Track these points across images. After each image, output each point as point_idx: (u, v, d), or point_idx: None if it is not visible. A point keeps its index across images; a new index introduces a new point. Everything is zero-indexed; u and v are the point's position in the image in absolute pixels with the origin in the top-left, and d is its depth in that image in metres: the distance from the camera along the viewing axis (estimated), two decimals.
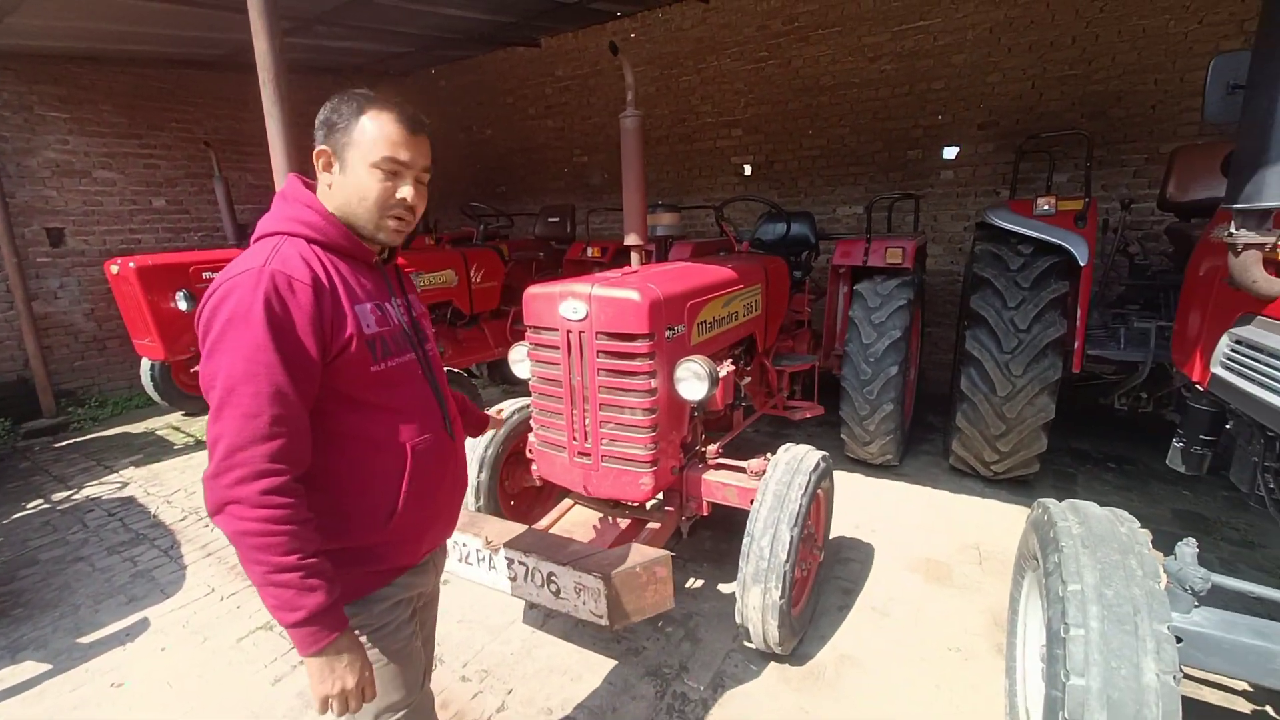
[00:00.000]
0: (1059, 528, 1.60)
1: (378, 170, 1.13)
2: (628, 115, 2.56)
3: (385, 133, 1.13)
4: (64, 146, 5.75)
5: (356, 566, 1.17)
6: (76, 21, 4.62)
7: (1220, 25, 4.31)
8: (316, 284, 1.07)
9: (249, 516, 0.97)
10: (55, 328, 5.79)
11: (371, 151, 1.12)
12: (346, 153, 1.14)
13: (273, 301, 1.00)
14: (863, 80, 5.63)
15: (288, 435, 1.00)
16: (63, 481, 4.30)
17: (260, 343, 0.98)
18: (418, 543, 1.27)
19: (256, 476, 0.97)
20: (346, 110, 1.14)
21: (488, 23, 5.96)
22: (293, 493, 1.01)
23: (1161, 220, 4.45)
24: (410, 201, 1.17)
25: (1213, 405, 2.21)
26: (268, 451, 0.98)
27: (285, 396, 1.00)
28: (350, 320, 1.10)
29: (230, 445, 0.97)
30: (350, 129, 1.13)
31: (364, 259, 1.21)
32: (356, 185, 1.14)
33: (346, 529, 1.15)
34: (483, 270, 4.98)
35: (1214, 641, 1.43)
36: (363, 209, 1.15)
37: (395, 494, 1.18)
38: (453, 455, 1.33)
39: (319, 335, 1.05)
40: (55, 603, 2.88)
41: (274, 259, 1.05)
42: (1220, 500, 3.43)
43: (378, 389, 1.16)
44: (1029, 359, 3.17)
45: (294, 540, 0.99)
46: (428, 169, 1.21)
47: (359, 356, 1.11)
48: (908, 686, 2.20)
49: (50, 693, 2.32)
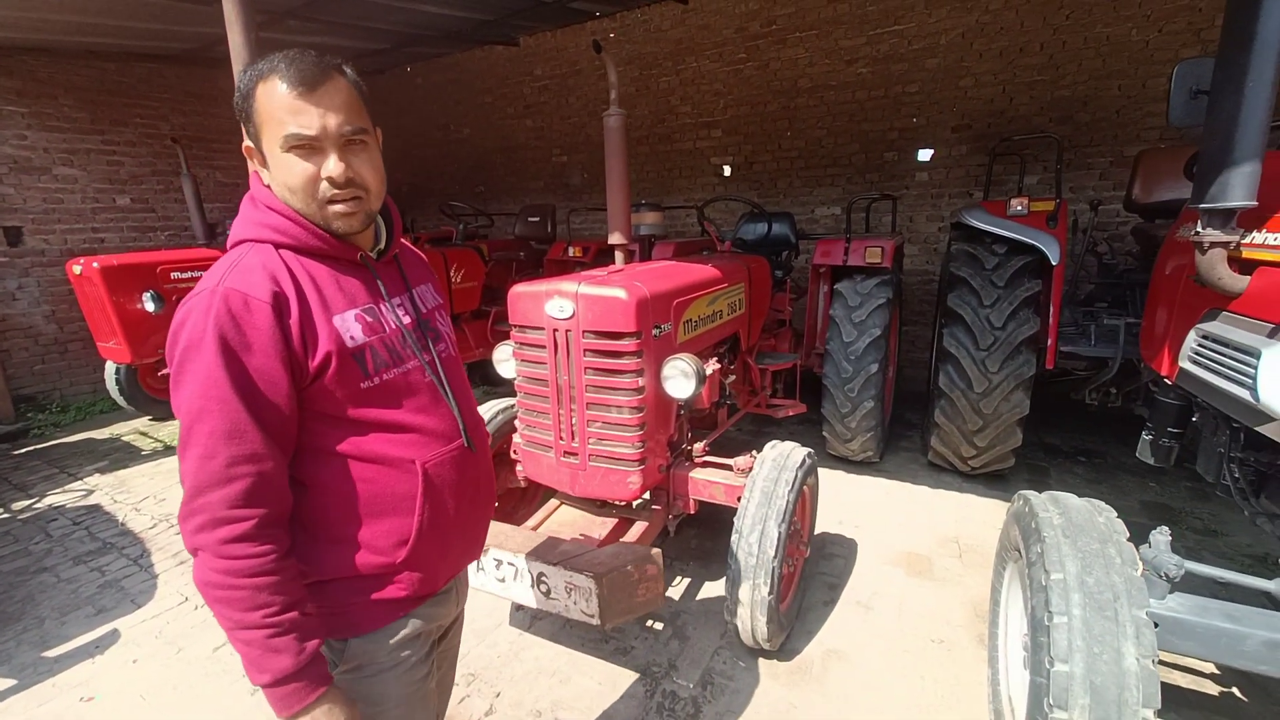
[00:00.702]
0: (1040, 519, 1.64)
1: (290, 154, 0.94)
2: (611, 114, 2.55)
3: (277, 104, 0.92)
4: (21, 142, 5.53)
5: (365, 596, 1.04)
6: (34, 12, 4.45)
7: (1179, 34, 4.47)
8: (278, 300, 0.92)
9: (213, 567, 0.88)
10: (14, 330, 5.57)
11: (274, 133, 0.94)
12: (260, 144, 0.97)
13: (225, 327, 0.88)
14: (839, 83, 5.71)
15: (251, 476, 0.89)
16: (24, 490, 4.13)
17: (212, 375, 0.87)
18: (436, 570, 1.12)
19: (215, 524, 0.87)
20: (245, 89, 0.95)
21: (465, 20, 5.90)
22: (261, 540, 0.89)
23: (1127, 221, 4.61)
24: (339, 176, 0.95)
25: (1180, 399, 2.29)
26: (226, 497, 0.87)
27: (244, 434, 0.88)
28: (326, 335, 0.96)
29: (190, 488, 0.88)
30: (251, 112, 0.95)
31: (345, 257, 1.05)
32: (280, 178, 0.97)
33: (354, 558, 1.03)
34: (463, 270, 4.93)
35: (1188, 626, 1.49)
36: (297, 202, 0.98)
37: (408, 519, 1.05)
38: (474, 468, 1.17)
39: (286, 358, 0.92)
40: (18, 615, 2.76)
41: (230, 275, 0.92)
42: (1185, 491, 3.56)
43: (375, 405, 1.02)
44: (1004, 355, 3.25)
45: (259, 595, 0.88)
46: (356, 128, 0.97)
47: (344, 374, 0.98)
48: (893, 679, 2.24)
49: (16, 709, 2.22)
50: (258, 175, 1.03)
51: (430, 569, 1.10)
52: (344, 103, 0.96)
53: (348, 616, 1.03)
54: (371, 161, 1.01)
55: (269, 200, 1.00)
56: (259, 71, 0.94)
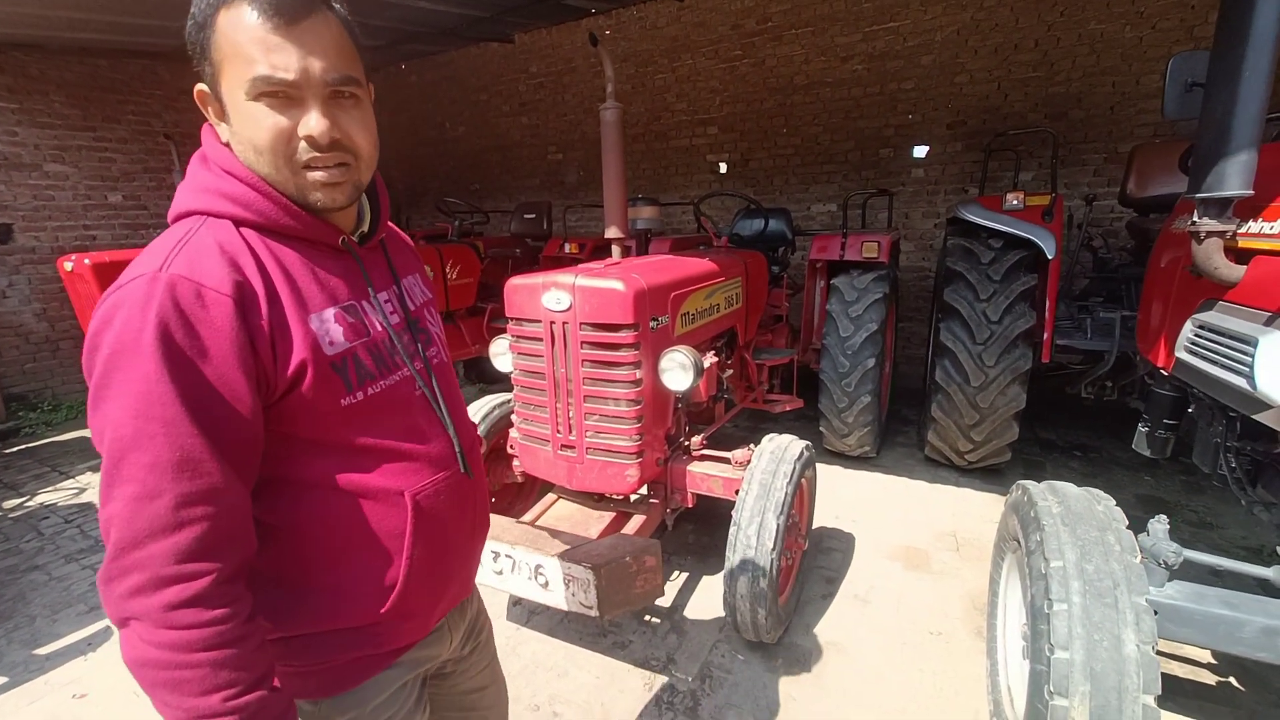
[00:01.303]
0: (1039, 507, 1.64)
1: (259, 103, 0.73)
2: (608, 107, 2.54)
3: (245, 37, 0.71)
4: (11, 139, 5.47)
5: (343, 651, 0.86)
6: (26, 8, 4.40)
7: (1171, 31, 4.50)
8: (242, 293, 0.72)
9: (154, 641, 0.66)
10: (4, 329, 5.51)
11: (238, 73, 0.73)
12: (219, 86, 0.75)
13: (170, 325, 0.67)
14: (835, 80, 5.72)
15: (205, 519, 0.69)
16: (14, 489, 4.08)
17: (153, 388, 0.66)
18: (428, 614, 0.95)
19: (158, 585, 0.67)
20: (201, 16, 0.73)
21: (460, 17, 5.87)
22: (220, 601, 0.69)
23: (1122, 216, 4.63)
24: (322, 135, 0.75)
25: (1175, 390, 2.30)
26: (174, 548, 0.67)
27: (197, 465, 0.68)
28: (301, 340, 0.76)
29: (120, 539, 0.66)
30: (210, 46, 0.74)
31: (325, 241, 0.84)
32: (245, 133, 0.76)
33: (330, 610, 0.84)
34: (458, 267, 4.91)
35: (1186, 613, 1.49)
36: (265, 166, 0.77)
37: (395, 561, 0.87)
38: (471, 497, 0.99)
39: (250, 369, 0.72)
40: (9, 614, 2.73)
41: (176, 258, 0.70)
42: (1179, 484, 3.57)
43: (357, 426, 0.83)
44: (1001, 349, 3.26)
45: (220, 672, 0.68)
46: (345, 76, 0.77)
47: (321, 389, 0.78)
48: (891, 671, 2.24)
49: (7, 707, 2.20)
50: (212, 130, 0.82)
51: (421, 614, 0.93)
52: (333, 43, 0.76)
53: (321, 676, 0.86)
54: (363, 120, 0.81)
55: (227, 163, 0.78)
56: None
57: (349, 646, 0.86)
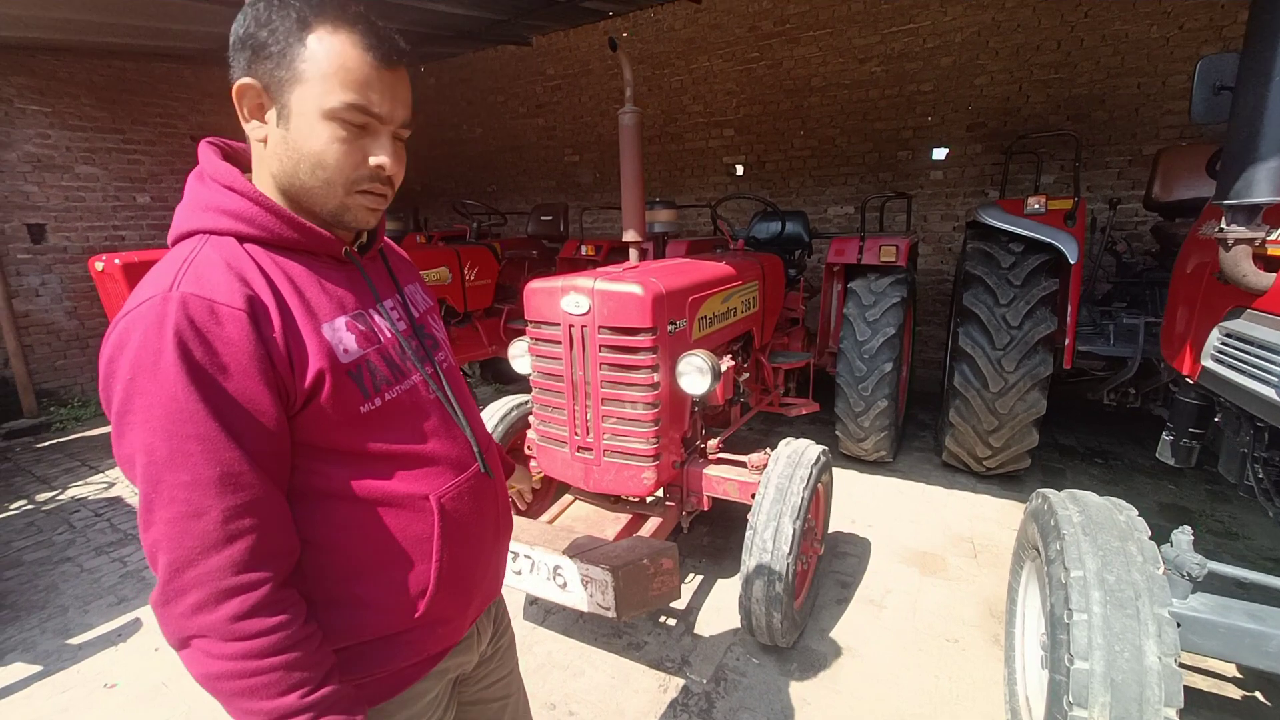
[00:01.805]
0: (1060, 516, 1.63)
1: (337, 123, 0.77)
2: (626, 111, 2.56)
3: (343, 63, 0.76)
4: (44, 141, 5.63)
5: (377, 667, 0.86)
6: (56, 12, 4.52)
7: (1200, 31, 4.42)
8: (254, 307, 0.73)
9: (223, 654, 0.69)
10: (36, 326, 5.66)
11: (328, 94, 0.76)
12: (287, 93, 0.77)
13: (189, 342, 0.68)
14: (852, 81, 5.69)
15: (254, 529, 0.71)
16: (46, 482, 4.20)
17: (182, 406, 0.67)
18: (461, 618, 0.96)
19: (219, 599, 0.69)
20: (283, 23, 0.75)
21: (478, 20, 5.92)
22: (280, 606, 0.72)
23: (1146, 220, 4.56)
24: (391, 169, 0.82)
25: (1201, 398, 2.27)
26: (229, 561, 0.69)
27: (237, 476, 0.70)
28: (316, 349, 0.77)
29: (173, 561, 0.68)
30: (291, 55, 0.75)
31: (328, 253, 0.85)
32: (307, 145, 0.78)
33: (362, 621, 0.84)
34: (476, 268, 4.96)
35: (1210, 625, 1.47)
36: (318, 180, 0.79)
37: (425, 566, 0.87)
38: (492, 497, 1.00)
39: (271, 381, 0.73)
40: (42, 604, 2.81)
41: (184, 277, 0.71)
42: (1203, 493, 3.51)
43: (377, 432, 0.84)
44: (1021, 355, 3.23)
45: (292, 673, 0.71)
46: (409, 121, 0.85)
47: (340, 397, 0.79)
48: (906, 677, 2.23)
49: (39, 694, 2.27)
50: (211, 147, 0.84)
51: (453, 619, 0.94)
52: (407, 92, 0.84)
53: (361, 690, 0.86)
54: (404, 159, 0.88)
55: (228, 178, 0.79)
56: (321, 13, 0.76)
57: (386, 659, 0.86)
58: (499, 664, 1.16)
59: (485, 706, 1.15)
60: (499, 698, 1.17)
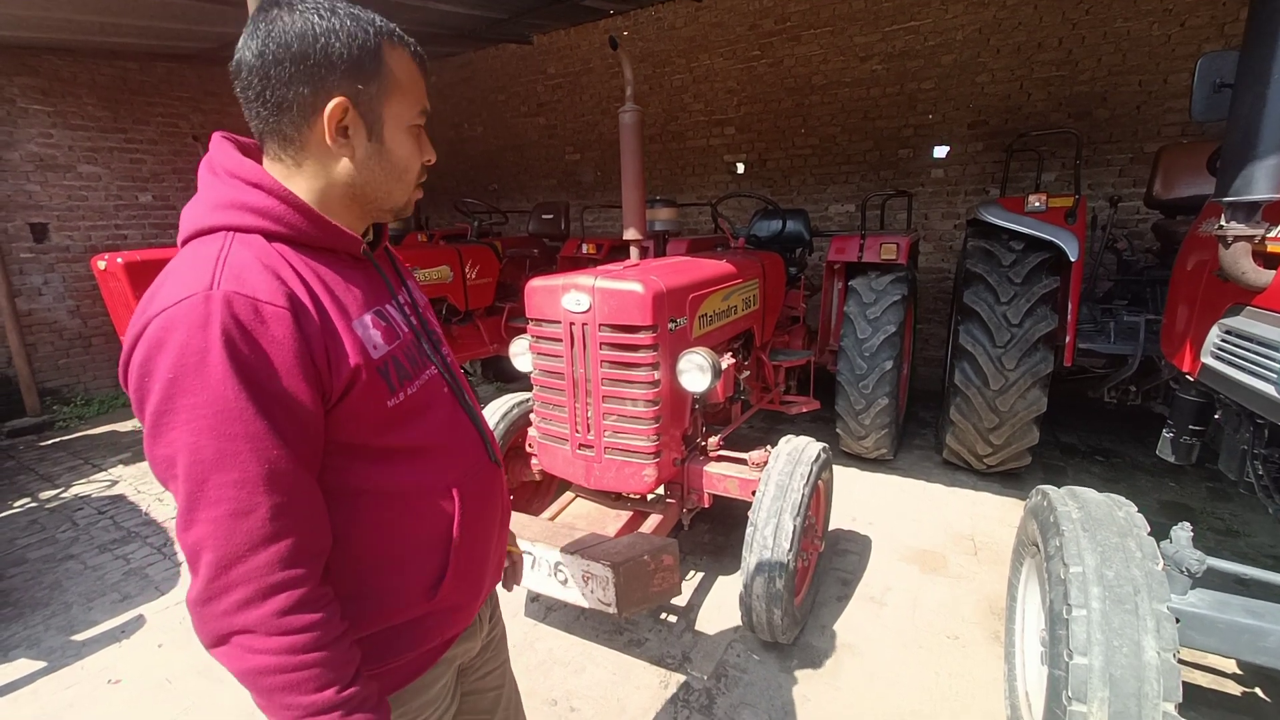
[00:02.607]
0: (1059, 512, 1.64)
1: (409, 133, 0.85)
2: (627, 109, 2.56)
3: (409, 74, 0.83)
4: (47, 140, 5.64)
5: (393, 655, 0.87)
6: (59, 12, 4.54)
7: (1201, 29, 4.41)
8: (295, 305, 0.73)
9: (266, 649, 0.70)
10: (39, 325, 5.69)
11: (410, 107, 0.84)
12: (381, 108, 0.81)
13: (237, 341, 0.68)
14: (853, 80, 5.68)
15: (297, 527, 0.72)
16: (49, 480, 4.22)
17: (231, 405, 0.67)
18: (472, 603, 0.98)
19: (266, 594, 0.70)
20: (364, 43, 0.78)
21: (479, 19, 5.94)
22: (320, 603, 0.74)
23: (1147, 218, 4.55)
24: (433, 159, 0.92)
25: (1201, 396, 2.27)
26: (275, 557, 0.70)
27: (283, 475, 0.71)
28: (351, 346, 0.78)
29: (220, 559, 0.69)
30: (381, 73, 0.79)
31: (348, 250, 0.86)
32: (396, 156, 0.84)
33: (381, 609, 0.86)
34: (477, 266, 4.97)
35: (1209, 621, 1.48)
36: (402, 184, 0.87)
37: (443, 553, 0.90)
38: (499, 485, 1.04)
39: (313, 378, 0.74)
40: (46, 601, 2.83)
41: (224, 275, 0.70)
42: (1204, 491, 3.51)
43: (402, 427, 0.85)
44: (1021, 353, 3.23)
45: (329, 669, 0.73)
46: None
47: (371, 392, 0.80)
48: (906, 673, 2.23)
49: (44, 690, 2.28)
50: (227, 141, 0.83)
51: (466, 604, 0.97)
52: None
53: (379, 679, 0.87)
54: None
55: (253, 175, 0.78)
56: (381, 30, 0.80)
57: (401, 647, 0.88)
58: (493, 653, 1.19)
59: (481, 696, 1.17)
60: (493, 687, 1.20)
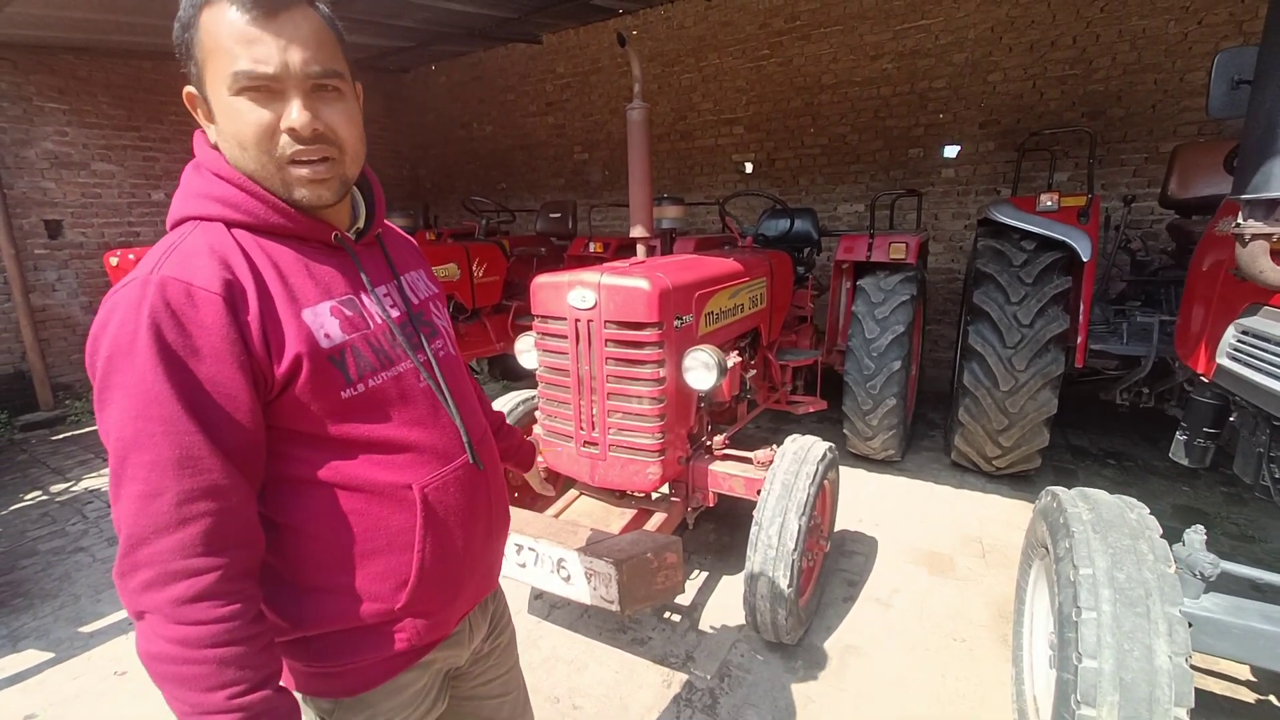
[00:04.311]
0: (1069, 514, 1.61)
1: (242, 98, 0.75)
2: (634, 107, 2.56)
3: (226, 32, 0.73)
4: (62, 138, 5.71)
5: (358, 652, 0.86)
6: (75, 11, 4.59)
7: (1220, 26, 4.34)
8: (231, 291, 0.74)
9: (164, 635, 0.69)
10: (53, 320, 5.75)
11: (222, 70, 0.74)
12: (204, 87, 0.77)
13: (163, 325, 0.69)
14: (864, 79, 5.65)
15: (209, 515, 0.71)
16: (61, 474, 4.27)
17: (150, 388, 0.68)
18: (446, 612, 0.94)
19: (167, 580, 0.68)
20: (186, 17, 0.75)
21: (489, 18, 5.95)
22: (226, 597, 0.71)
23: (1162, 218, 4.49)
24: (303, 127, 0.76)
25: (1216, 398, 2.23)
26: (180, 544, 0.69)
27: (197, 461, 0.70)
28: (294, 334, 0.77)
29: (129, 536, 0.69)
30: (194, 45, 0.75)
31: (317, 238, 0.85)
32: (229, 128, 0.77)
33: (345, 609, 0.84)
34: (485, 264, 4.98)
35: (1223, 626, 1.45)
36: (250, 162, 0.78)
37: (407, 556, 0.87)
38: (484, 489, 0.99)
39: (245, 365, 0.74)
40: (55, 592, 2.86)
41: (167, 262, 0.73)
42: (1219, 495, 3.45)
43: (360, 419, 0.83)
44: (1032, 354, 3.19)
45: (227, 669, 0.69)
46: (327, 69, 0.78)
47: (319, 381, 0.79)
48: (912, 676, 2.21)
49: (52, 680, 2.31)
50: (203, 135, 0.84)
51: (438, 612, 0.92)
52: (313, 36, 0.77)
53: (344, 678, 0.87)
54: (347, 113, 0.82)
55: (216, 166, 0.80)
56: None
57: (369, 648, 0.86)
58: (497, 661, 1.16)
59: (482, 703, 1.15)
60: (497, 695, 1.17)
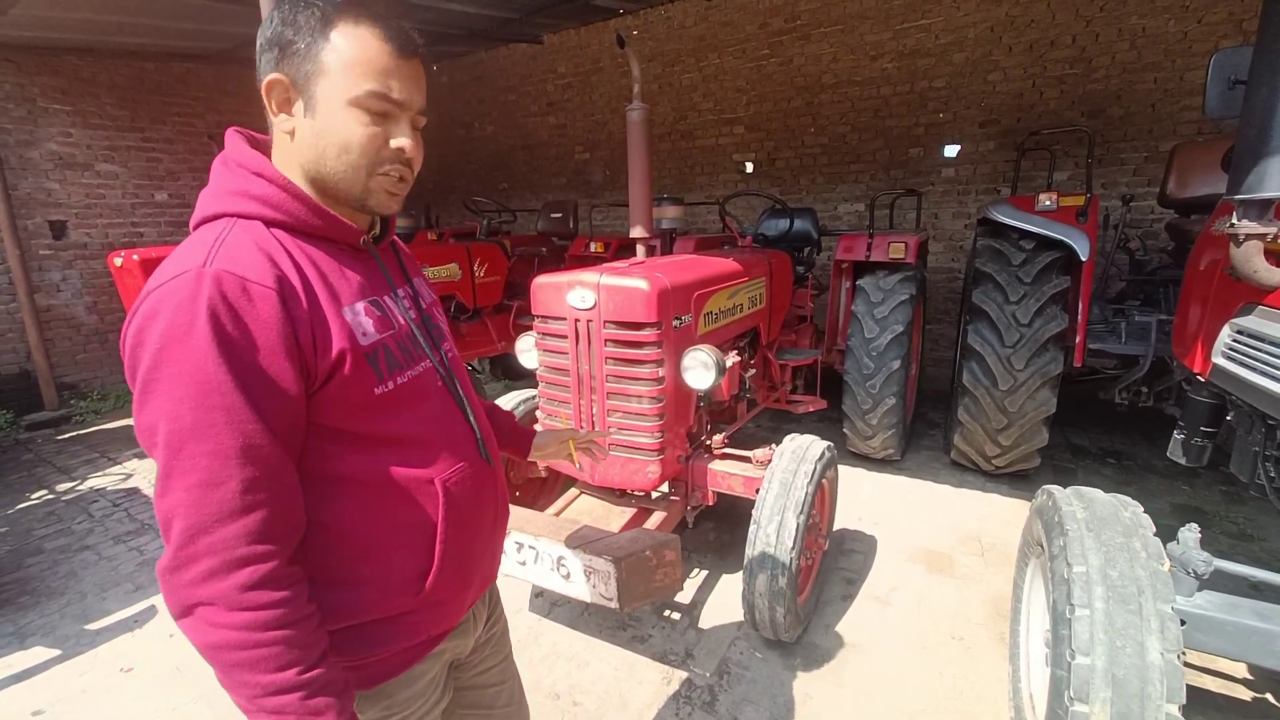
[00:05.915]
0: (1064, 512, 1.63)
1: (360, 110, 0.82)
2: (634, 107, 2.58)
3: (364, 54, 0.81)
4: (66, 139, 5.74)
5: (380, 647, 0.89)
6: (79, 13, 4.61)
7: (1219, 25, 4.34)
8: (283, 286, 0.76)
9: (228, 623, 0.70)
10: (57, 320, 5.79)
11: (351, 83, 0.81)
12: (313, 85, 0.81)
13: (222, 316, 0.71)
14: (864, 78, 5.66)
15: (269, 502, 0.73)
16: (66, 473, 4.30)
17: (211, 377, 0.70)
18: (459, 602, 0.99)
19: (231, 567, 0.70)
20: (307, 21, 0.81)
21: (490, 19, 5.96)
22: (286, 581, 0.74)
23: (1161, 217, 4.49)
24: (410, 150, 0.88)
25: (1213, 397, 2.24)
26: (243, 530, 0.71)
27: (258, 449, 0.72)
28: (338, 331, 0.81)
29: (188, 527, 0.70)
30: (315, 51, 0.81)
31: (347, 241, 0.90)
32: (333, 132, 0.82)
33: (365, 602, 0.87)
34: (486, 264, 4.99)
35: (1216, 624, 1.46)
36: (344, 164, 0.84)
37: (429, 548, 0.90)
38: (491, 484, 1.04)
39: (295, 359, 0.76)
40: (62, 590, 2.89)
41: (217, 255, 0.74)
42: (1218, 494, 3.46)
43: (388, 415, 0.87)
44: (1031, 353, 3.20)
45: (291, 650, 0.73)
46: (423, 109, 0.91)
47: (357, 378, 0.82)
48: (911, 673, 2.22)
49: (59, 677, 2.33)
50: (239, 135, 0.88)
51: (452, 600, 0.97)
52: (422, 79, 0.90)
53: (360, 670, 0.88)
54: (421, 147, 0.93)
55: (257, 164, 0.83)
56: (342, 10, 0.82)
57: (387, 639, 0.89)
58: (493, 650, 1.19)
59: (481, 692, 1.18)
60: (494, 683, 1.20)
